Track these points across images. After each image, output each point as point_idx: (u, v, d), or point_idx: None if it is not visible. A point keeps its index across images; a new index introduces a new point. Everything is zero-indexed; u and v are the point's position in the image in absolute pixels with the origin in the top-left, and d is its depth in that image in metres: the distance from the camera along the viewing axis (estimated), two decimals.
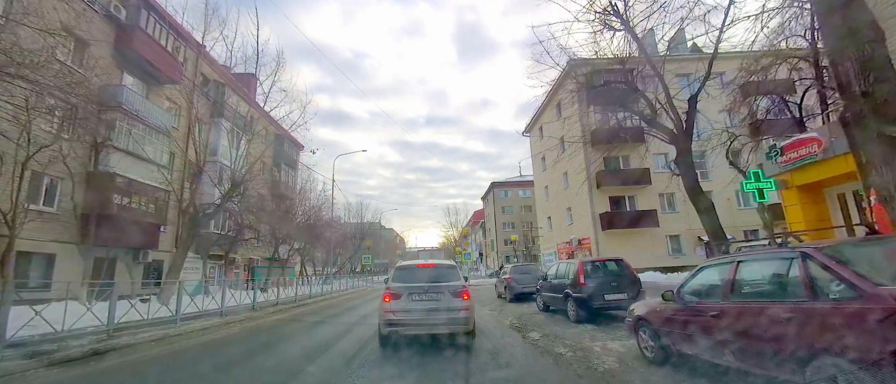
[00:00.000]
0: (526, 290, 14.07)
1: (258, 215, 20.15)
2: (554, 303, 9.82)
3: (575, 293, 8.38)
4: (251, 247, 26.69)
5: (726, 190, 24.60)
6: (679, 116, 9.86)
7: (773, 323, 3.14)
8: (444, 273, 6.60)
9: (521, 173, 69.48)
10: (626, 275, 8.40)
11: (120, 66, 16.92)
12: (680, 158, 9.77)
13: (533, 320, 9.19)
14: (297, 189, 32.28)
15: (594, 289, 8.13)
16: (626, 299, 8.12)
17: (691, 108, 9.51)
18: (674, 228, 23.89)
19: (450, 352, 6.03)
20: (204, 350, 7.21)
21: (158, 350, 7.07)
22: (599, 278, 8.38)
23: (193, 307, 11.00)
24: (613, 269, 8.63)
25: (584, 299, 8.12)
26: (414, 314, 5.93)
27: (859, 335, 2.50)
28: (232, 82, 19.53)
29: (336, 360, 5.76)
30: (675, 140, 10.22)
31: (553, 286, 9.77)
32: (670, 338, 4.43)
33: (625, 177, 24.23)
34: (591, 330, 7.48)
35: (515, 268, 15.23)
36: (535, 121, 35.19)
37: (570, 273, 8.95)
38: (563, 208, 29.15)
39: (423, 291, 6.08)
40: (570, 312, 8.59)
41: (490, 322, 9.36)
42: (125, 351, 6.81)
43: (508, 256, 60.72)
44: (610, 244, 23.33)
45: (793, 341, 2.93)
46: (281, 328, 9.84)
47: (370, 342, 6.91)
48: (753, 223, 24.24)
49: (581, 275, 8.33)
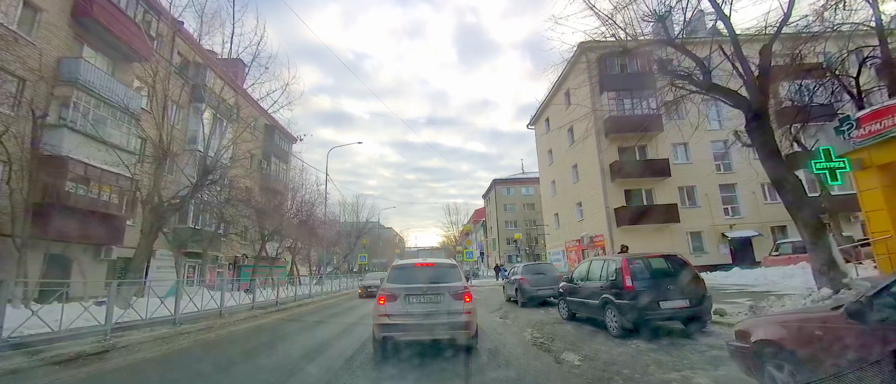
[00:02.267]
0: (540, 293, 12.17)
1: (239, 208, 18.16)
2: (584, 310, 7.88)
3: (618, 299, 6.44)
4: (238, 245, 24.75)
5: (751, 182, 22.64)
6: (750, 70, 7.87)
7: None
8: (444, 273, 6.01)
9: (524, 170, 67.63)
10: (685, 276, 6.46)
11: (79, 37, 14.98)
12: (754, 123, 7.67)
13: (559, 333, 7.25)
14: (289, 183, 30.38)
15: (645, 295, 6.18)
16: (689, 308, 6.18)
17: (765, 61, 7.58)
18: (695, 224, 21.95)
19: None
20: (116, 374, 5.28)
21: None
22: (652, 280, 6.43)
23: (164, 310, 9.24)
24: (668, 269, 6.67)
25: (633, 308, 6.17)
26: (411, 318, 5.40)
27: None
28: (208, 58, 17.54)
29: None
30: (742, 103, 8.17)
31: (583, 290, 7.83)
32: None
33: (641, 168, 22.28)
34: (647, 349, 5.54)
35: (528, 268, 13.27)
36: (541, 112, 33.25)
37: (607, 273, 7.00)
38: (572, 203, 27.21)
39: (422, 293, 5.55)
40: (610, 324, 6.64)
41: (505, 335, 7.42)
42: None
43: (510, 256, 58.82)
44: (626, 241, 21.27)
45: None
46: (241, 341, 7.88)
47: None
48: (782, 218, 22.21)
49: (626, 277, 6.38)
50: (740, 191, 22.69)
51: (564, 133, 28.14)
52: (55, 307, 8.76)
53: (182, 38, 19.38)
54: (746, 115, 7.91)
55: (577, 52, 24.76)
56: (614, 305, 6.49)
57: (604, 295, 6.83)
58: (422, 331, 5.43)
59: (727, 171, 22.99)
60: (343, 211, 41.59)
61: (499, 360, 5.41)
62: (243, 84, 19.21)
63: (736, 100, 8.30)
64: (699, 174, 22.69)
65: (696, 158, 22.86)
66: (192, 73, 19.76)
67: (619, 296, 6.45)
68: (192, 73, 18.96)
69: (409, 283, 5.71)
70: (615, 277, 6.67)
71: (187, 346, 7.09)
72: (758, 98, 7.58)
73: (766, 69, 7.63)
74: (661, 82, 9.79)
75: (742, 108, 8.09)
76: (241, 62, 17.67)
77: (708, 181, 22.68)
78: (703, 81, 8.32)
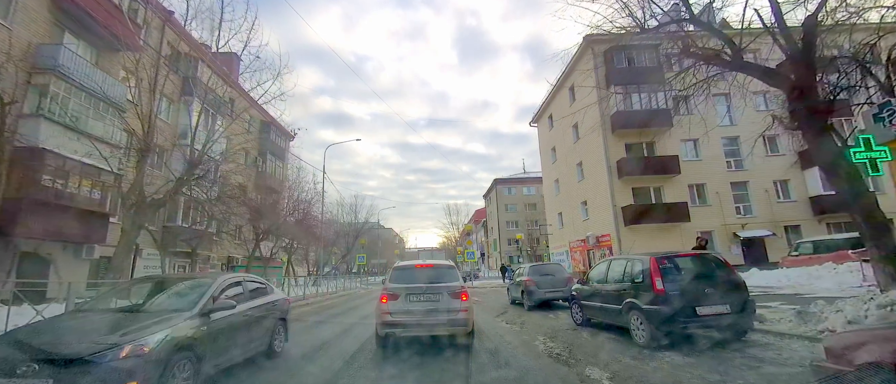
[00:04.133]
0: (549, 296, 11.34)
1: (230, 205, 17.33)
2: (602, 315, 7.06)
3: (646, 304, 5.61)
4: (231, 244, 23.93)
5: (764, 180, 21.90)
6: (793, 40, 6.98)
7: None
8: (442, 273, 6.32)
9: (525, 170, 66.83)
10: (724, 278, 5.64)
11: (60, 24, 14.17)
12: (797, 103, 6.66)
13: (576, 342, 6.42)
14: (286, 181, 29.56)
15: (679, 299, 5.35)
16: (729, 314, 5.35)
17: (809, 32, 6.70)
18: (706, 223, 21.10)
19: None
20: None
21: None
22: (686, 282, 5.59)
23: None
24: (704, 269, 5.83)
25: (664, 314, 5.34)
26: (412, 315, 5.76)
27: None
28: (197, 46, 16.73)
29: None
30: (782, 81, 7.24)
31: (601, 293, 7.00)
32: None
33: (649, 165, 21.43)
34: (685, 364, 4.72)
35: (534, 269, 12.40)
36: (544, 109, 32.44)
37: (632, 274, 6.17)
38: (577, 202, 26.37)
39: (422, 292, 5.90)
40: (635, 331, 5.81)
41: (514, 343, 6.60)
42: None
43: (512, 256, 57.97)
44: (633, 241, 20.54)
45: None
46: None
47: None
48: (795, 218, 21.50)
49: (656, 279, 5.55)
50: (752, 189, 21.87)
51: (569, 129, 27.33)
52: (25, 309, 8.00)
53: (172, 27, 18.59)
54: (789, 94, 7.00)
55: (583, 45, 23.99)
56: (641, 311, 5.66)
57: (627, 299, 6.00)
58: (422, 327, 5.77)
59: (739, 169, 22.16)
60: (341, 210, 40.72)
61: (510, 376, 4.58)
62: (238, 78, 18.47)
63: (774, 77, 7.41)
64: (710, 171, 21.87)
65: (707, 155, 22.03)
66: (182, 65, 18.95)
67: (647, 301, 5.62)
68: (184, 65, 18.10)
69: (410, 283, 6.01)
70: (642, 279, 5.84)
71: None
72: (803, 73, 6.69)
73: (811, 40, 6.74)
74: (685, 62, 8.87)
75: (783, 86, 7.23)
76: (235, 56, 16.94)
77: (719, 179, 21.86)
78: (733, 60, 7.45)
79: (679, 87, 9.30)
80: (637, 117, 21.47)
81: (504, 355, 5.73)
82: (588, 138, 24.40)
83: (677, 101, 9.69)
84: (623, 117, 21.67)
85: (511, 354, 5.77)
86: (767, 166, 22.07)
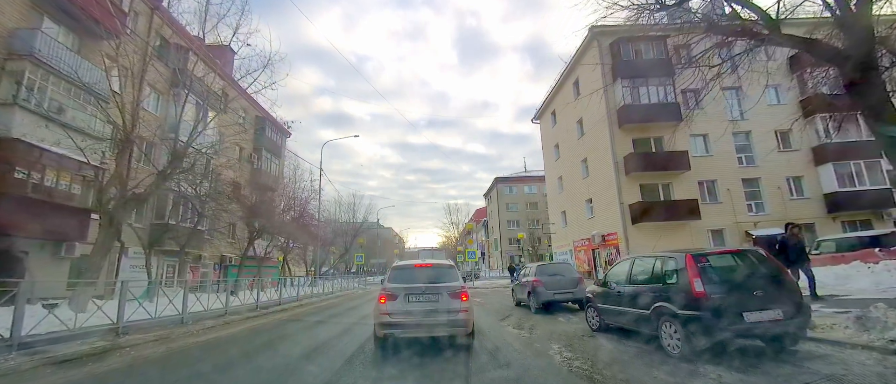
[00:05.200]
0: (557, 297, 10.55)
1: (220, 202, 16.54)
2: (622, 320, 6.26)
3: (683, 309, 4.81)
4: (224, 243, 23.13)
5: (776, 176, 21.10)
6: (848, 7, 6.05)
7: None
8: (442, 273, 6.23)
9: (527, 169, 66.01)
10: (772, 278, 4.84)
11: (39, 8, 13.38)
12: (854, 73, 5.66)
13: (598, 353, 5.63)
14: (282, 178, 28.77)
15: (723, 303, 4.55)
16: (783, 320, 4.55)
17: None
18: (717, 221, 20.31)
19: None
20: None
21: None
22: (729, 284, 4.79)
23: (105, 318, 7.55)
24: (749, 268, 5.03)
25: (705, 321, 4.54)
26: (411, 316, 5.66)
27: None
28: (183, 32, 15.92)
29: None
30: (833, 54, 6.24)
31: (624, 296, 6.20)
32: None
33: (658, 161, 20.62)
34: (732, 381, 3.92)
35: (542, 269, 11.58)
36: (547, 105, 31.66)
37: (663, 275, 5.37)
38: (581, 200, 25.57)
39: (421, 292, 5.81)
40: (667, 341, 5.02)
41: (526, 354, 5.80)
42: None
43: (513, 256, 57.17)
44: (642, 239, 19.76)
45: None
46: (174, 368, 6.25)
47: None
48: (808, 215, 20.66)
49: (695, 279, 4.74)
50: (764, 185, 21.06)
51: (573, 125, 26.55)
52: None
53: (160, 16, 17.77)
54: (845, 70, 6.02)
55: (589, 37, 23.22)
56: (676, 317, 4.86)
57: (658, 303, 5.21)
58: (421, 328, 5.63)
59: (750, 165, 21.37)
60: (339, 209, 39.90)
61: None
62: (231, 73, 17.61)
63: (823, 51, 6.49)
64: (720, 167, 21.06)
65: (717, 150, 21.23)
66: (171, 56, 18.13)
67: (683, 305, 4.82)
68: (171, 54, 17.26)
69: (409, 283, 5.91)
70: (675, 280, 5.04)
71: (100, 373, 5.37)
72: (864, 44, 5.76)
73: (864, 5, 5.84)
74: (703, 46, 8.02)
75: (835, 60, 6.35)
76: (228, 49, 16.14)
77: (730, 175, 21.06)
78: (771, 32, 6.57)
79: (702, 71, 8.45)
80: (645, 111, 20.67)
81: (515, 366, 4.95)
82: (593, 134, 23.62)
83: (697, 92, 8.64)
84: (630, 111, 20.87)
85: (522, 367, 4.98)
86: (780, 162, 21.28)
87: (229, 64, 19.51)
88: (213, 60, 14.00)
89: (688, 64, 8.40)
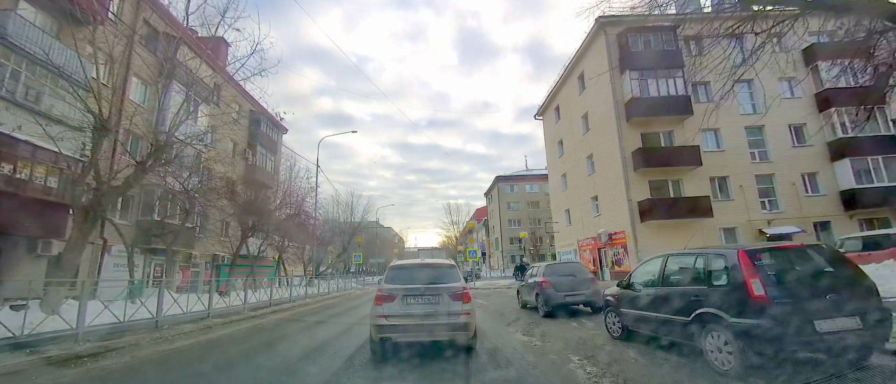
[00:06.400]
0: (569, 300, 9.70)
1: (208, 197, 15.70)
2: (654, 328, 5.43)
3: (737, 316, 3.97)
4: (216, 241, 22.30)
5: (790, 172, 20.26)
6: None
7: None
8: (442, 273, 5.84)
9: (528, 167, 65.15)
10: (846, 279, 4.01)
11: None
12: None
13: (627, 367, 4.80)
14: (277, 175, 27.94)
15: (790, 310, 3.72)
16: (862, 329, 3.71)
17: None
18: (729, 219, 19.48)
19: None
20: None
21: None
22: (795, 285, 3.95)
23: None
24: (818, 266, 4.19)
25: (768, 330, 3.70)
26: (409, 319, 5.28)
27: None
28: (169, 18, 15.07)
29: None
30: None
31: (653, 299, 5.37)
32: None
33: (668, 157, 19.79)
34: None
35: (552, 269, 10.69)
36: (550, 101, 30.82)
37: (708, 274, 4.52)
38: (586, 198, 24.72)
39: (420, 293, 5.43)
40: (715, 353, 4.18)
41: (542, 367, 4.99)
42: None
43: (514, 256, 56.33)
44: (651, 238, 18.94)
45: None
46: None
47: None
48: (825, 213, 19.85)
49: (752, 279, 3.91)
50: (778, 182, 20.22)
51: (578, 120, 25.72)
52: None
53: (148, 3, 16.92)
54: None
55: (595, 28, 22.37)
56: (726, 326, 4.03)
57: (702, 309, 4.37)
58: (420, 331, 5.32)
59: (763, 160, 20.52)
60: (337, 207, 39.03)
61: None
62: (225, 65, 16.77)
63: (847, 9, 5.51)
64: (732, 163, 20.22)
65: (729, 146, 20.41)
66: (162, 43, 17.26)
67: (736, 312, 3.99)
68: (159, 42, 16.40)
69: (407, 284, 5.58)
70: (726, 281, 4.20)
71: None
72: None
73: None
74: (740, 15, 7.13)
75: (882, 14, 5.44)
76: (223, 41, 15.33)
77: (742, 171, 20.22)
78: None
79: (728, 52, 7.57)
80: (654, 104, 19.83)
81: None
82: (599, 129, 22.78)
83: (734, 81, 7.67)
84: (639, 105, 20.02)
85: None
86: (794, 158, 20.45)
87: (223, 57, 18.70)
88: (196, 43, 13.15)
89: (737, 25, 7.46)
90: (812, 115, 20.92)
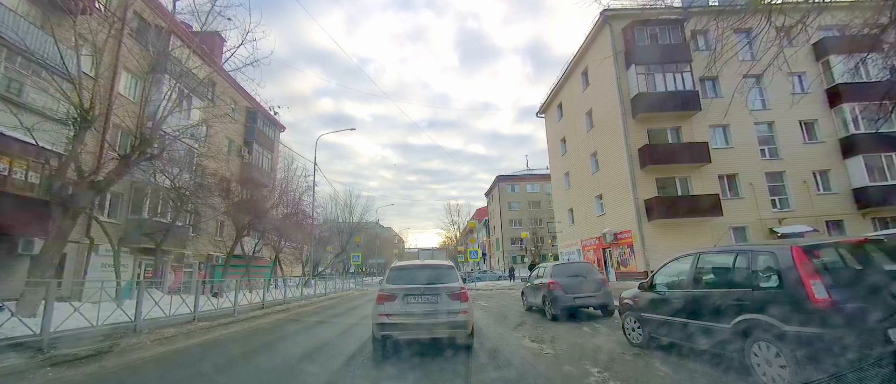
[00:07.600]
0: (580, 303, 9.09)
1: (200, 195, 15.10)
2: (684, 335, 4.81)
3: (792, 324, 3.37)
4: (210, 241, 21.69)
5: (802, 170, 19.65)
6: None
7: None
8: (441, 273, 6.04)
9: (529, 167, 64.53)
10: None
11: None
12: None
13: (658, 382, 4.17)
14: (273, 173, 27.36)
15: (860, 317, 3.12)
16: None
17: None
18: (739, 218, 18.86)
19: None
20: None
21: None
22: (862, 288, 3.34)
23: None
24: (887, 265, 3.59)
25: (834, 340, 3.10)
26: (409, 317, 5.53)
27: None
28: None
29: None
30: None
31: (683, 302, 4.76)
32: None
33: (675, 153, 19.20)
34: None
35: (560, 269, 10.04)
36: (553, 98, 30.24)
37: (753, 275, 3.92)
38: (590, 197, 24.12)
39: (420, 293, 5.67)
40: (762, 367, 3.59)
41: (556, 381, 4.35)
42: None
43: (514, 256, 55.71)
44: (658, 237, 18.35)
45: None
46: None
47: None
48: (837, 212, 19.23)
49: (811, 281, 3.30)
50: (789, 180, 19.61)
51: (581, 117, 25.12)
52: None
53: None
54: None
55: (600, 22, 21.80)
56: (780, 336, 3.42)
57: (746, 315, 3.77)
58: (420, 330, 5.51)
59: (774, 157, 19.91)
60: (335, 207, 38.41)
61: None
62: (220, 59, 16.18)
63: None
64: (742, 160, 19.61)
65: (738, 142, 19.81)
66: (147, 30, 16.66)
67: (792, 320, 3.39)
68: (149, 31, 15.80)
69: (408, 284, 5.78)
70: (777, 283, 3.60)
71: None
72: None
73: None
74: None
75: None
76: (218, 36, 14.79)
77: (752, 168, 19.61)
78: None
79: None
80: (661, 100, 19.23)
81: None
82: (604, 125, 22.19)
83: (756, 77, 7.11)
84: (645, 100, 19.42)
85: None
86: (805, 155, 19.84)
87: (217, 52, 18.12)
88: (186, 32, 12.56)
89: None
90: (823, 111, 20.35)
